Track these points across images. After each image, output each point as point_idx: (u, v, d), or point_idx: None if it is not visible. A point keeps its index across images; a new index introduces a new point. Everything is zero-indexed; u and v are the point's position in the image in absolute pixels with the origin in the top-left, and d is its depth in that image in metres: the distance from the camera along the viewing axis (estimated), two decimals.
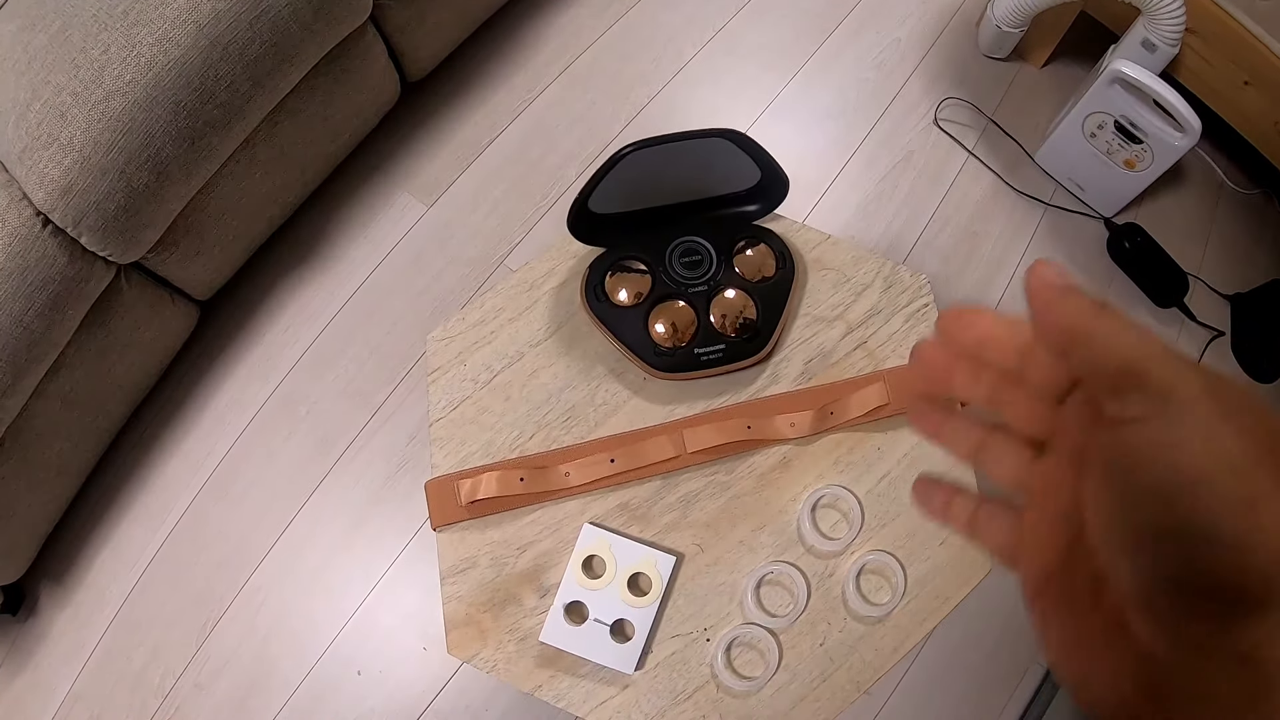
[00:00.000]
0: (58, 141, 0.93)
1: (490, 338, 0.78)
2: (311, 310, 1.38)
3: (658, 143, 0.68)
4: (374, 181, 1.45)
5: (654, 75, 1.54)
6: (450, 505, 0.72)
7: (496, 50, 1.54)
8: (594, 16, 1.58)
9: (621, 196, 0.73)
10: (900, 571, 0.73)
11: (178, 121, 0.99)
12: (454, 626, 0.71)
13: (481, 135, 1.48)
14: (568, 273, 0.80)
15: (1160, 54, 1.28)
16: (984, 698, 1.26)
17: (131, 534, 1.29)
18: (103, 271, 1.06)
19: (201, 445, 1.32)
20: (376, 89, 1.34)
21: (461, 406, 0.76)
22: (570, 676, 0.70)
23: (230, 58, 1.00)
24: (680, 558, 0.73)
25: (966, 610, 1.25)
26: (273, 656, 1.23)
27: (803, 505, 0.74)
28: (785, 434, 0.75)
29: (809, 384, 0.78)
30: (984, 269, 1.45)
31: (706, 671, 0.71)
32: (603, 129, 1.50)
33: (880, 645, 0.72)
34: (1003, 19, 1.45)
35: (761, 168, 0.74)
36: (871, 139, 1.52)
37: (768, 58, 1.57)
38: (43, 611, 1.26)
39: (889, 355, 0.79)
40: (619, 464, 0.73)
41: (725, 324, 0.76)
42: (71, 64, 0.93)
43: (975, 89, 1.57)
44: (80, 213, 0.97)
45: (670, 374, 0.75)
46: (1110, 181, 1.43)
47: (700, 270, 0.77)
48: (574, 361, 0.78)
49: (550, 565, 0.72)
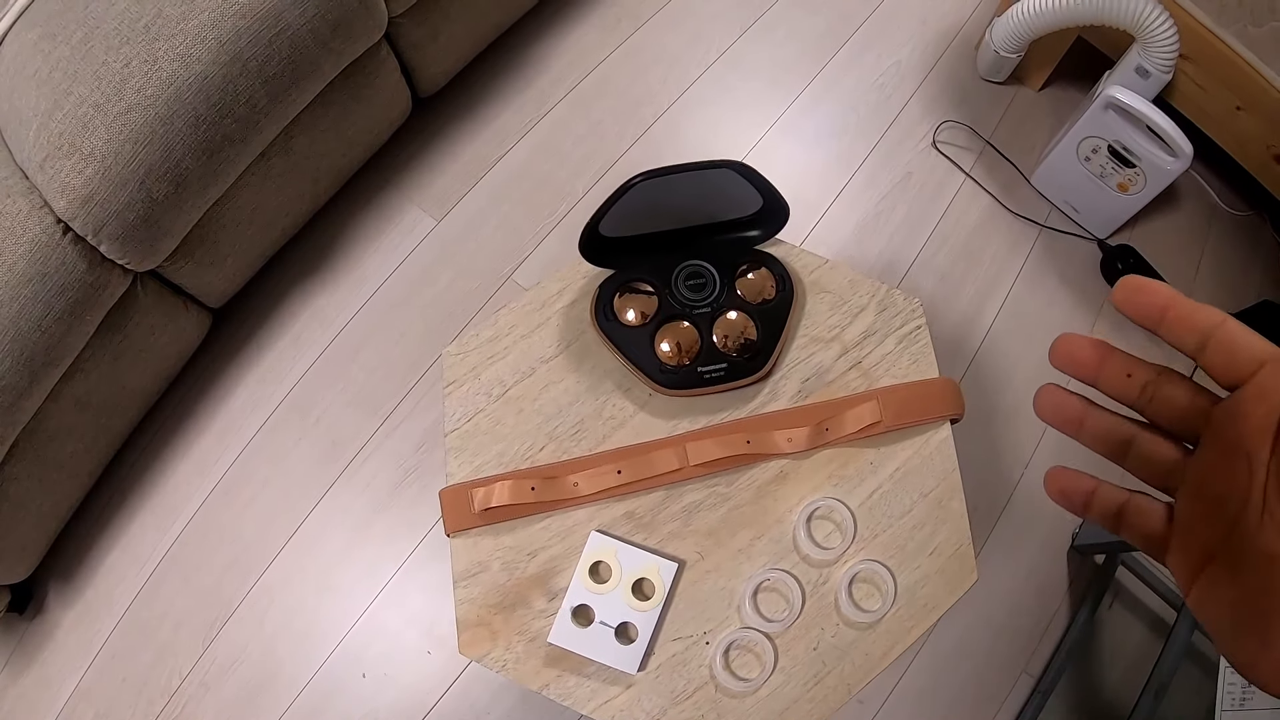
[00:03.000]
0: (79, 151, 0.94)
1: (504, 353, 0.80)
2: (322, 319, 1.40)
3: (666, 173, 0.69)
4: (385, 195, 1.47)
5: (660, 95, 1.56)
6: (464, 512, 0.74)
7: (506, 68, 1.56)
8: (602, 36, 1.60)
9: (630, 221, 0.75)
10: (891, 580, 0.74)
11: (197, 134, 1.00)
12: (466, 627, 0.73)
13: (491, 151, 1.50)
14: (578, 292, 0.82)
15: (1154, 80, 1.29)
16: (975, 707, 1.28)
17: (141, 535, 1.30)
18: (120, 279, 1.07)
19: (212, 449, 1.34)
20: (389, 105, 1.36)
21: (476, 418, 0.78)
22: (576, 676, 0.72)
23: (249, 74, 1.01)
24: (682, 564, 0.75)
25: (958, 620, 1.29)
26: (279, 658, 1.24)
27: (798, 516, 0.76)
28: (783, 448, 0.77)
29: (806, 401, 0.80)
30: (980, 288, 1.47)
31: (705, 673, 0.72)
32: (609, 147, 1.52)
33: (871, 650, 0.73)
34: (1001, 44, 1.47)
35: (763, 196, 0.76)
36: (871, 159, 1.54)
37: (771, 78, 1.60)
38: (51, 610, 1.27)
39: (882, 375, 0.81)
40: (625, 475, 0.75)
41: (727, 344, 0.78)
42: (93, 76, 0.94)
43: (973, 111, 1.59)
44: (100, 222, 0.98)
45: (675, 390, 0.77)
46: (1104, 204, 1.45)
47: (704, 292, 0.79)
48: (583, 377, 0.80)
49: (559, 570, 0.74)
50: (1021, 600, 1.32)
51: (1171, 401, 0.29)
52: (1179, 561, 0.29)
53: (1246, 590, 0.26)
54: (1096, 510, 0.32)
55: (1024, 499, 1.36)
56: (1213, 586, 0.28)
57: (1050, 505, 1.34)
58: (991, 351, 1.43)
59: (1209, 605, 0.28)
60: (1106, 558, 1.33)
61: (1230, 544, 0.27)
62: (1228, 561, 0.27)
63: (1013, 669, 1.29)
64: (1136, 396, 0.30)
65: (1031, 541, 1.35)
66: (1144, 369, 0.30)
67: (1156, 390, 0.30)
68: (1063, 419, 0.32)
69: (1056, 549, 1.35)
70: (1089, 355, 0.30)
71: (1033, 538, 1.35)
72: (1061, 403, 0.32)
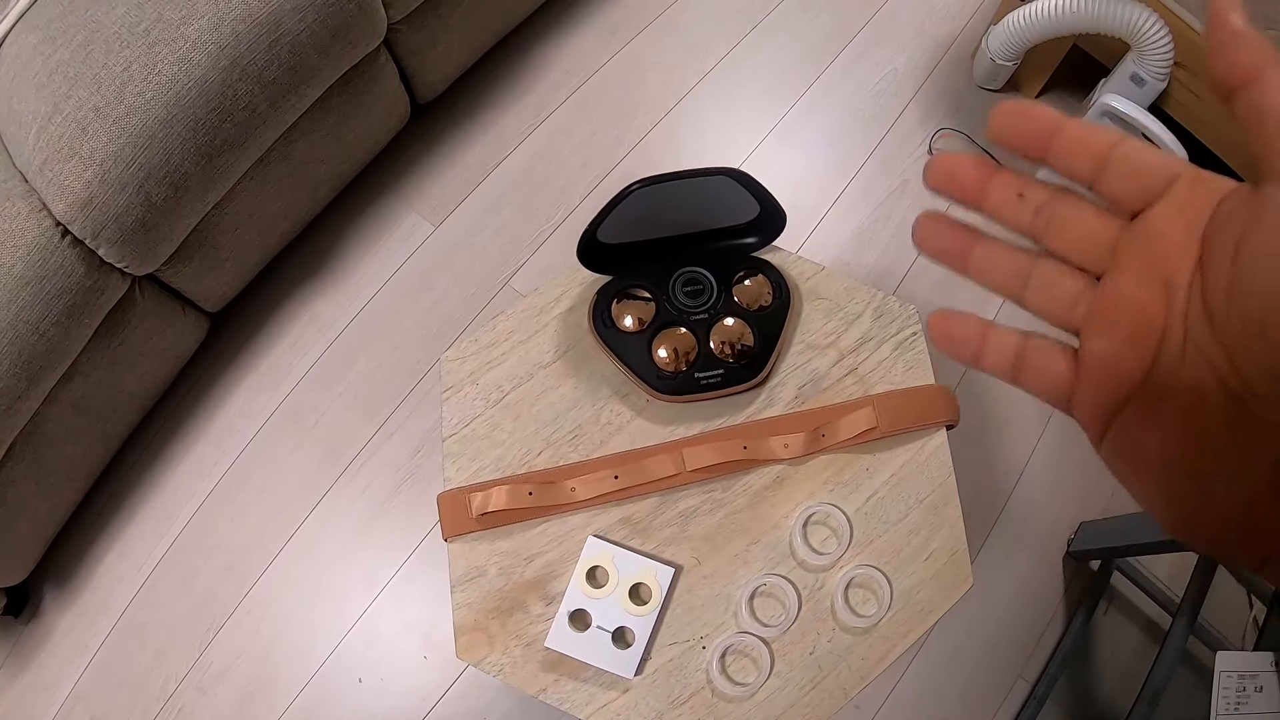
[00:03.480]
0: (79, 155, 0.94)
1: (501, 359, 0.81)
2: (320, 324, 1.40)
3: (664, 180, 0.70)
4: (383, 200, 1.47)
5: (659, 101, 1.57)
6: (462, 517, 0.74)
7: (505, 74, 1.57)
8: (600, 42, 1.61)
9: (628, 228, 0.76)
10: (886, 585, 0.75)
11: (196, 139, 1.00)
12: (463, 632, 0.73)
13: (489, 158, 1.51)
14: (576, 299, 0.83)
15: (1149, 88, 1.30)
16: (972, 712, 1.28)
17: (137, 538, 1.30)
18: (118, 282, 1.07)
19: (209, 453, 1.34)
20: (388, 110, 1.37)
21: (474, 423, 0.79)
22: (573, 680, 0.72)
23: (249, 79, 1.02)
24: (679, 569, 0.75)
25: (954, 626, 1.29)
26: (275, 662, 1.24)
27: (795, 521, 0.76)
28: (779, 454, 0.77)
29: (802, 407, 0.80)
30: (974, 295, 1.45)
31: (702, 677, 0.73)
32: (608, 154, 1.52)
33: (867, 654, 0.74)
34: (997, 52, 1.47)
35: (760, 203, 0.77)
36: (868, 167, 1.54)
37: (769, 86, 1.60)
38: (46, 613, 1.27)
39: (878, 381, 0.81)
40: (622, 480, 0.76)
41: (724, 350, 0.78)
42: (93, 80, 0.94)
43: (969, 119, 1.59)
44: (99, 225, 0.98)
45: (671, 396, 0.78)
46: None
47: (701, 299, 0.79)
48: (581, 383, 0.80)
49: (556, 575, 0.75)
50: (1017, 606, 1.33)
51: (1072, 224, 0.25)
52: (1088, 409, 0.25)
53: (1171, 434, 0.23)
54: (990, 359, 0.27)
55: (1019, 505, 1.36)
56: (1130, 434, 0.24)
57: (1047, 511, 1.35)
58: None
59: (1127, 457, 0.25)
60: (1102, 563, 1.33)
61: (1149, 384, 0.23)
62: (1146, 404, 0.24)
63: (1009, 674, 1.29)
64: (1030, 221, 0.26)
65: (1027, 547, 1.35)
66: (1037, 188, 0.26)
67: (1054, 212, 0.26)
68: (945, 250, 0.27)
69: (1052, 555, 1.35)
70: (971, 174, 0.26)
71: (1028, 544, 1.35)
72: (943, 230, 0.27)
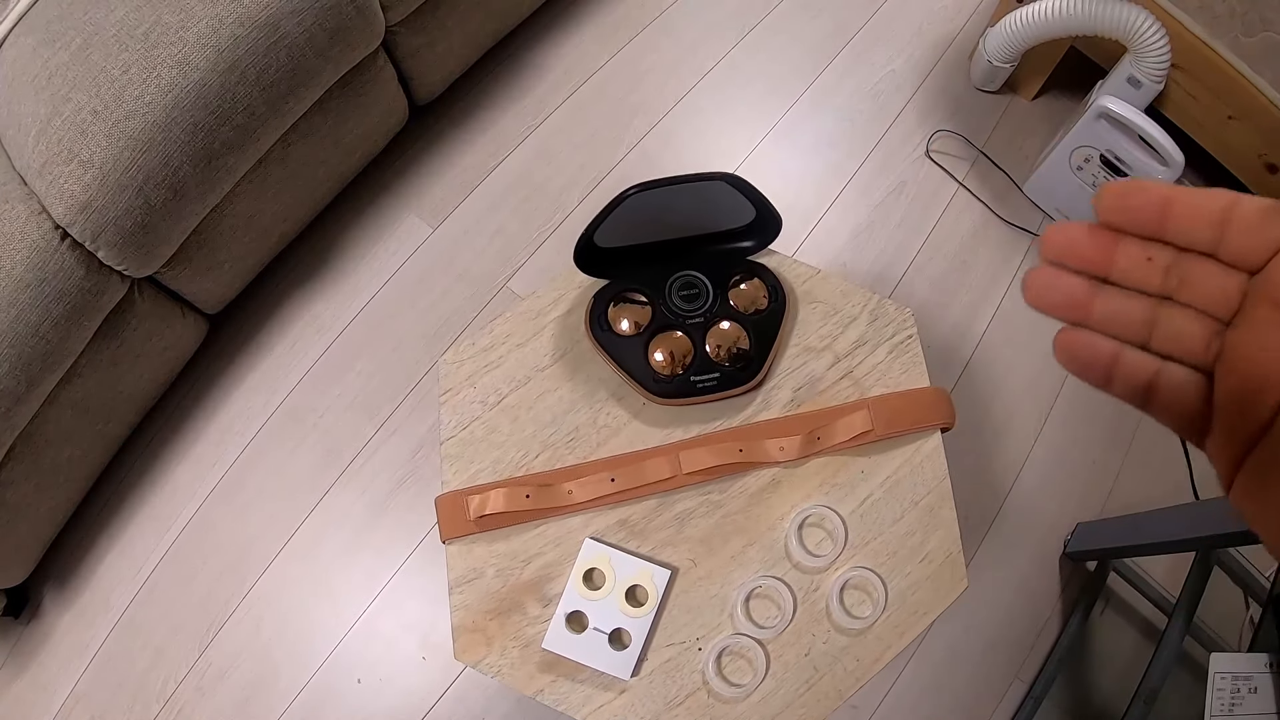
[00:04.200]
0: (78, 158, 0.94)
1: (499, 362, 0.81)
2: (319, 326, 1.40)
3: (660, 184, 0.70)
4: (382, 202, 1.47)
5: (657, 102, 1.57)
6: (460, 519, 0.75)
7: (503, 76, 1.57)
8: (598, 44, 1.61)
9: (625, 232, 0.76)
10: (881, 587, 0.75)
11: (195, 142, 1.01)
12: (461, 633, 0.73)
13: (487, 159, 1.51)
14: (573, 302, 0.83)
15: (1146, 90, 1.30)
16: (969, 713, 1.28)
17: (137, 539, 1.30)
18: (117, 285, 1.07)
19: (209, 454, 1.34)
20: (386, 112, 1.37)
21: (471, 426, 0.79)
22: (570, 681, 0.73)
23: (247, 81, 1.02)
24: (675, 571, 0.75)
25: (951, 628, 1.29)
26: (274, 663, 1.24)
27: (790, 524, 0.77)
28: (775, 457, 0.78)
29: (798, 410, 0.81)
30: (972, 297, 1.48)
31: (698, 678, 0.73)
32: (606, 155, 1.52)
33: (862, 656, 0.74)
34: (994, 54, 1.47)
35: (756, 208, 0.77)
36: (866, 168, 1.55)
37: (767, 87, 1.60)
38: (46, 614, 1.27)
39: (874, 384, 0.82)
40: (619, 483, 0.76)
41: (720, 353, 0.78)
42: (92, 83, 0.94)
43: (967, 121, 1.60)
44: (99, 228, 0.98)
45: (668, 399, 0.78)
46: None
47: (698, 302, 0.80)
48: (578, 386, 0.80)
49: (553, 577, 0.75)
50: (1014, 607, 1.33)
51: (1201, 280, 0.25)
52: (1220, 447, 0.25)
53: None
54: (1120, 383, 0.26)
55: (1016, 507, 1.37)
56: (1260, 477, 0.24)
57: (1044, 512, 1.35)
58: (983, 360, 1.44)
59: (1255, 498, 0.24)
60: (1098, 564, 1.34)
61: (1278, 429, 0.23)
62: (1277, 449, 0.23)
63: (1005, 675, 1.30)
64: (1161, 283, 0.25)
65: (1023, 549, 1.35)
66: (1163, 250, 0.25)
67: (1184, 271, 0.25)
68: (1061, 304, 0.26)
69: (1048, 556, 1.35)
70: (1092, 242, 0.25)
71: (1025, 545, 1.35)
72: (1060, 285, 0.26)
